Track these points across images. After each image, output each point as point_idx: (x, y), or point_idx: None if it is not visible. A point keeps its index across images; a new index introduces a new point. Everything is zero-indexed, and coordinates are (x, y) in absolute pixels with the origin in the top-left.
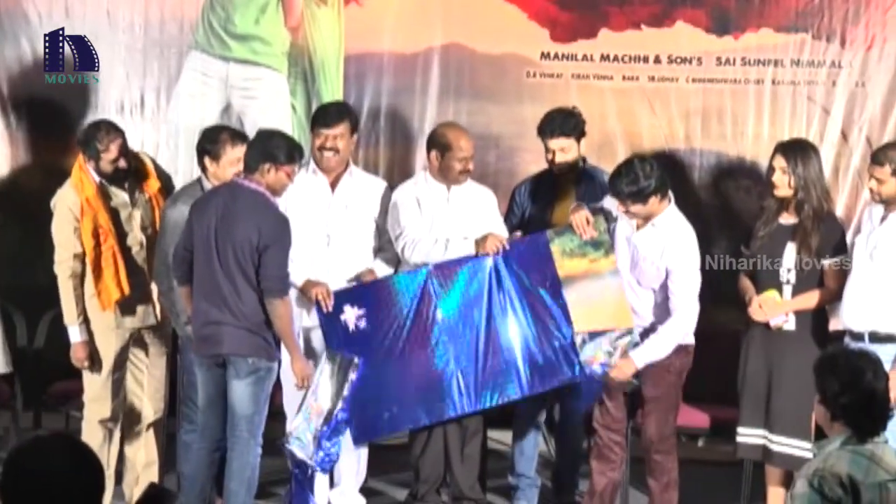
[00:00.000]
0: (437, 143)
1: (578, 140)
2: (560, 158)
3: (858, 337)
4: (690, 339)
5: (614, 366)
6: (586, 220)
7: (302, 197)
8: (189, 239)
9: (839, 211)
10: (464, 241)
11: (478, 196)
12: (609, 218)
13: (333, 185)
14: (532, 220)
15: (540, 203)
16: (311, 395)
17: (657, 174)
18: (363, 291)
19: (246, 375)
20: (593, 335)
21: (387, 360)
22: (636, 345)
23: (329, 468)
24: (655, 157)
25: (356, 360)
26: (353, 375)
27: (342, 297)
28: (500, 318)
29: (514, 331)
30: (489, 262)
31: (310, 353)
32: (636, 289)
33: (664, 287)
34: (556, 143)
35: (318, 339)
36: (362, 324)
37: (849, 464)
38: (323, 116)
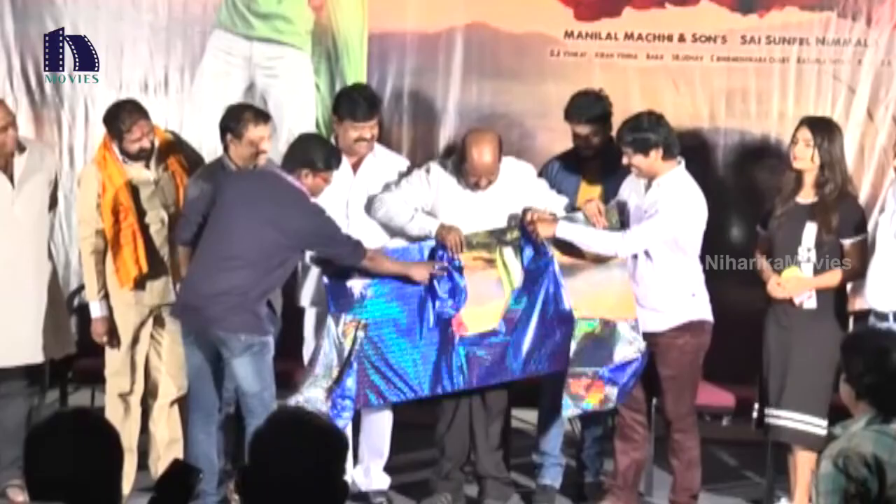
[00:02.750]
0: (460, 147)
1: (606, 123)
2: (587, 143)
3: (883, 317)
4: (707, 316)
5: (538, 216)
6: (598, 209)
7: None
8: (209, 208)
9: (865, 190)
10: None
11: (509, 187)
12: (623, 211)
13: (356, 166)
14: None
15: (567, 183)
16: (321, 359)
17: (663, 130)
18: None
19: (241, 353)
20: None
21: (391, 330)
22: (636, 337)
23: (342, 422)
24: (680, 136)
25: (363, 320)
26: (361, 334)
27: None
28: (509, 301)
29: (521, 315)
30: (509, 240)
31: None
32: (641, 255)
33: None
34: (583, 128)
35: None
36: (368, 293)
37: (874, 444)
38: (354, 110)
